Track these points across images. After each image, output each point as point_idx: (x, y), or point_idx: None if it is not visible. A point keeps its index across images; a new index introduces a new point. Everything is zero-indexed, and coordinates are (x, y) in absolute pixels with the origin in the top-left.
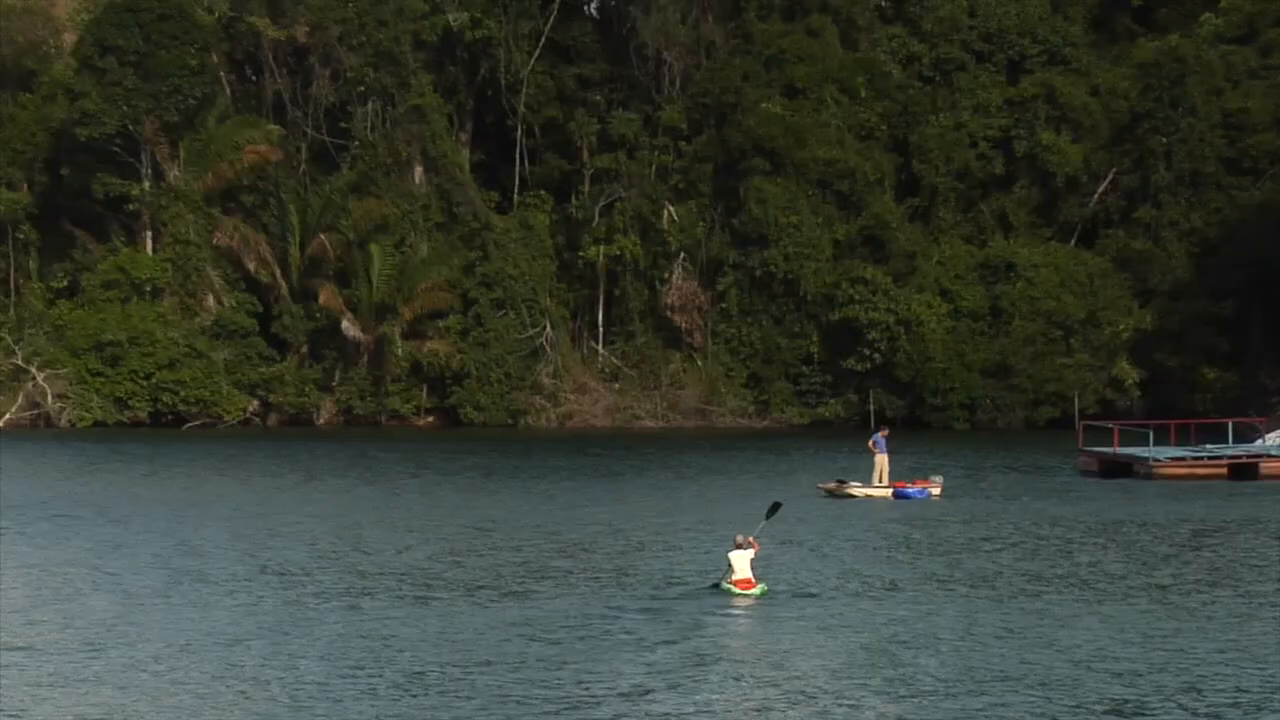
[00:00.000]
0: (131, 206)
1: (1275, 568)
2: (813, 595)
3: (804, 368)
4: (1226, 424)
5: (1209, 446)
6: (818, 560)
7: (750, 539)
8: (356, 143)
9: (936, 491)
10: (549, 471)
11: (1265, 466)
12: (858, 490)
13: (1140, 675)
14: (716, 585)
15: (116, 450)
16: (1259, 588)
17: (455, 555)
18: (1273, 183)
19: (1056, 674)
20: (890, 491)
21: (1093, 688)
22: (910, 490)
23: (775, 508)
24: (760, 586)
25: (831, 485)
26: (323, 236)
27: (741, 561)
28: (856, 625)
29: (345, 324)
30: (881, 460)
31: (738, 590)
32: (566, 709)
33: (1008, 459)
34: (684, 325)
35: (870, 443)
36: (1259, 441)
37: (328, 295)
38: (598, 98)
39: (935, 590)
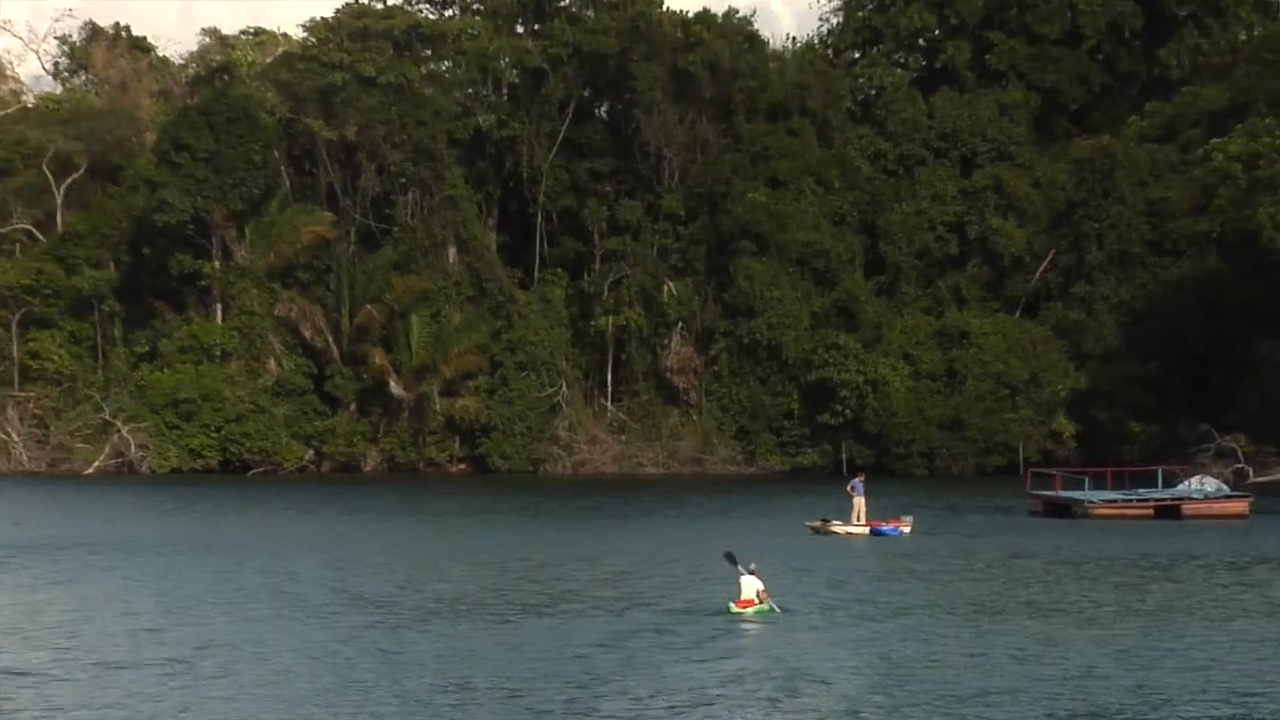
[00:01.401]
0: (204, 282)
1: (1209, 594)
2: (813, 616)
3: (785, 422)
4: (1156, 470)
5: (1140, 490)
6: (815, 586)
7: (756, 568)
8: (398, 227)
9: (908, 529)
10: (573, 511)
11: (1187, 508)
12: (839, 528)
13: (1121, 688)
14: (733, 558)
15: (197, 493)
16: (1206, 611)
17: (503, 583)
18: (1190, 262)
19: (1049, 688)
20: (868, 529)
21: (1080, 700)
22: (885, 528)
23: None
24: (758, 606)
25: (817, 523)
26: (369, 307)
27: (749, 585)
28: (860, 642)
29: (392, 384)
30: (859, 502)
31: (738, 610)
32: (604, 715)
33: (965, 501)
34: (681, 385)
35: (849, 487)
36: (1181, 486)
37: (380, 358)
38: (607, 188)
39: (922, 613)
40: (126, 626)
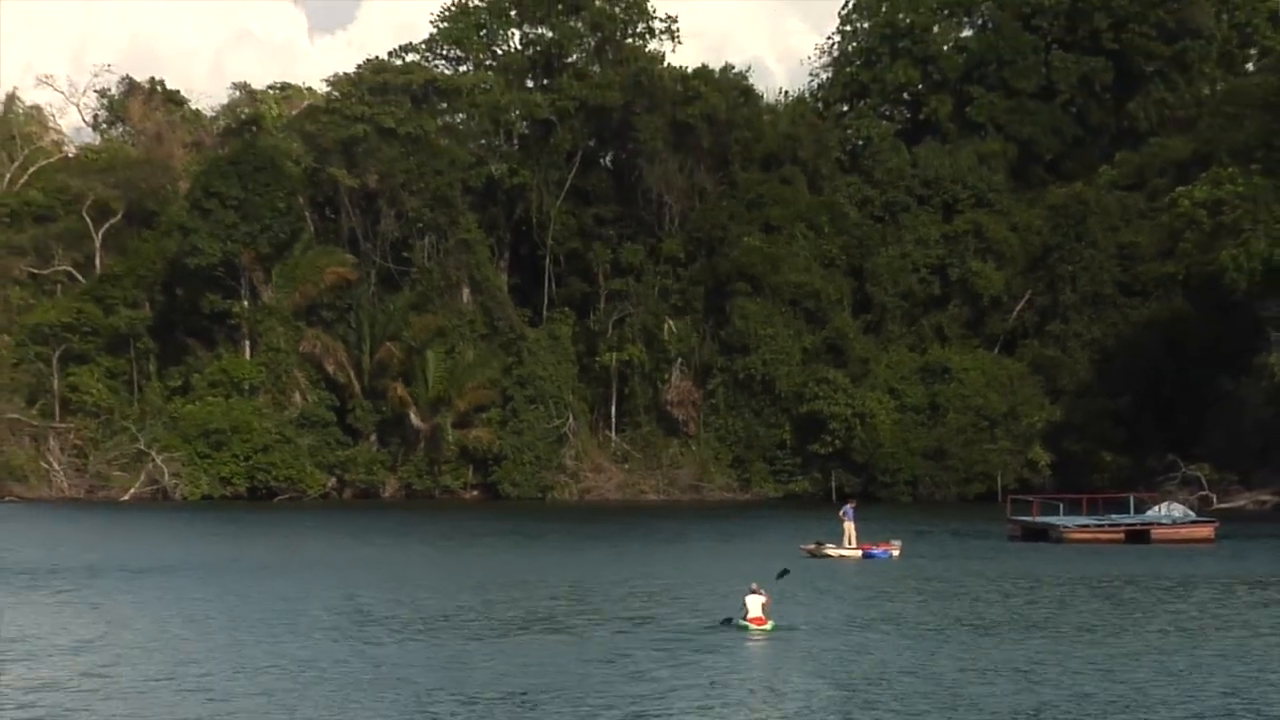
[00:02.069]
0: (233, 320)
1: (1186, 612)
2: (816, 633)
3: (778, 451)
4: (1128, 498)
5: (1112, 516)
6: (813, 605)
7: (758, 587)
8: (416, 269)
9: (896, 552)
10: (586, 538)
11: (1156, 533)
12: (833, 551)
13: (1116, 700)
14: (730, 621)
15: (231, 519)
16: (1185, 627)
17: (537, 602)
18: (1158, 302)
19: (1052, 702)
20: (859, 552)
21: (1090, 713)
22: (876, 551)
23: (784, 573)
24: (770, 624)
25: (812, 547)
26: (389, 344)
27: (755, 603)
28: (856, 658)
29: (412, 416)
30: (850, 527)
31: (753, 627)
32: None
33: (948, 526)
34: (681, 417)
35: (840, 513)
36: (1151, 512)
37: (402, 392)
38: (611, 233)
39: (924, 630)
40: (206, 645)
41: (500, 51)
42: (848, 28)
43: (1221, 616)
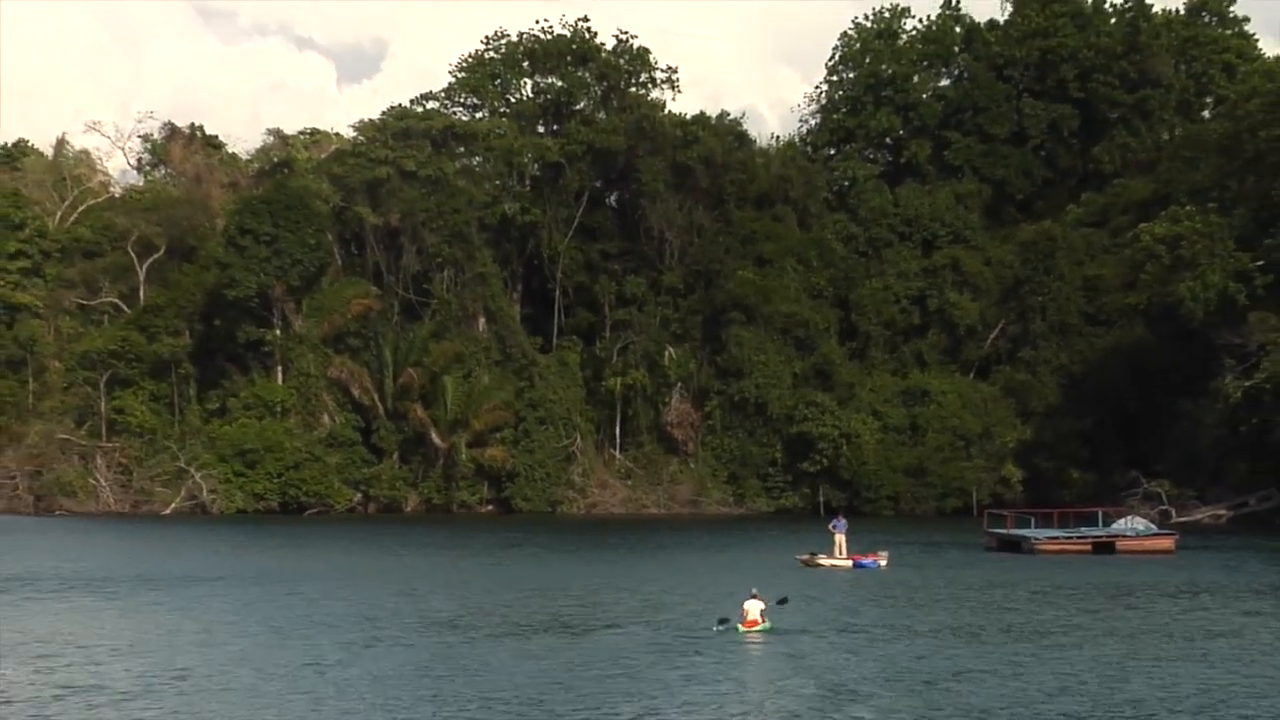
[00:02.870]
0: (266, 348)
1: (1158, 618)
2: (812, 637)
3: (770, 469)
4: (1097, 512)
5: (1081, 529)
6: (810, 612)
7: (757, 593)
8: (435, 300)
9: (884, 562)
10: (597, 548)
11: (1121, 544)
12: (825, 561)
13: (1103, 700)
14: (727, 622)
15: (270, 531)
16: (1158, 632)
17: (557, 609)
18: (1121, 331)
19: (1043, 702)
20: (850, 562)
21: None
22: (865, 561)
23: (783, 601)
24: (764, 624)
25: (805, 557)
26: (410, 370)
27: (753, 607)
28: (854, 660)
29: (433, 435)
30: (840, 539)
31: (746, 629)
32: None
33: (929, 538)
34: (680, 437)
35: (831, 525)
36: (1116, 525)
37: (422, 414)
38: (616, 266)
39: (917, 634)
40: (290, 649)
41: (514, 99)
42: (834, 77)
43: (1186, 621)
